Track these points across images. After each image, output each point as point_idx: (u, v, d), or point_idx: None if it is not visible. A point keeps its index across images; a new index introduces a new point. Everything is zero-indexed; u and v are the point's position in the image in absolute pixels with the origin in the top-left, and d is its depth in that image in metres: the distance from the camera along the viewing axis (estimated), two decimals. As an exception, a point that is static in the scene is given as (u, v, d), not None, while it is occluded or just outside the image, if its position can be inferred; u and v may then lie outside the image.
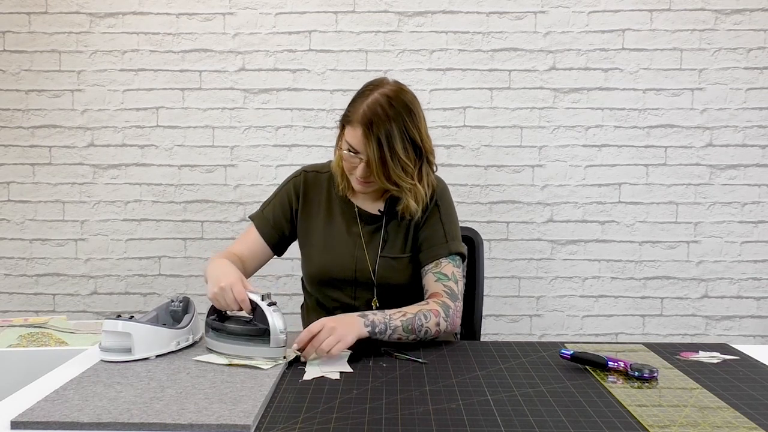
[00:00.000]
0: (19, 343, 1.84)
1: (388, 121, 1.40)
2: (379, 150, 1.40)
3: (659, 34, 2.42)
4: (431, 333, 1.42)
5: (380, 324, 1.36)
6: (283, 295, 2.50)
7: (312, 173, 1.63)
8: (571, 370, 1.28)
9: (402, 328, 1.38)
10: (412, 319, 1.38)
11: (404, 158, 1.42)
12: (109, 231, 2.52)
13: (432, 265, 1.52)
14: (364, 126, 1.40)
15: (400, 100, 1.44)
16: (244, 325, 1.31)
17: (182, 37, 2.46)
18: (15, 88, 2.48)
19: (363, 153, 1.43)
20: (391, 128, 1.40)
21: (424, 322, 1.40)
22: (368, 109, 1.41)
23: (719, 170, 2.46)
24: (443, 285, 1.49)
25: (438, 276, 1.51)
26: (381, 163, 1.41)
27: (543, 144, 2.46)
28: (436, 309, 1.42)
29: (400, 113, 1.42)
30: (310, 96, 2.47)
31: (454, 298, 1.48)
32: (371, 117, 1.40)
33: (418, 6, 2.43)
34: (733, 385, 1.21)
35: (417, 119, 1.45)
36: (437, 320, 1.42)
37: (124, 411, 1.03)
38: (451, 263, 1.52)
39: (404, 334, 1.38)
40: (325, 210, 1.59)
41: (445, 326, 1.44)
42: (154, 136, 2.49)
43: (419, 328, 1.39)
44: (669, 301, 2.50)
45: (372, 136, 1.40)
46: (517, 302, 2.52)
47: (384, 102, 1.42)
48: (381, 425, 1.01)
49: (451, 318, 1.45)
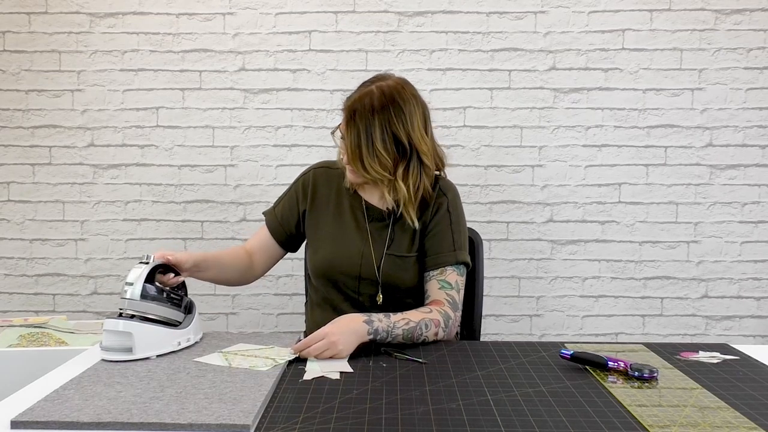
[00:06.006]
0: (19, 343, 1.84)
1: (371, 112, 1.45)
2: (357, 138, 1.46)
3: (659, 34, 2.42)
4: (428, 341, 1.45)
5: (383, 332, 1.38)
6: (284, 295, 2.51)
7: (322, 169, 1.67)
8: (571, 370, 1.28)
9: (402, 336, 1.40)
10: (413, 328, 1.41)
11: (381, 151, 1.46)
12: (109, 231, 2.52)
13: (437, 272, 1.53)
14: (349, 113, 1.47)
15: (391, 95, 1.48)
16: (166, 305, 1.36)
17: (182, 37, 2.46)
18: (15, 88, 2.48)
19: (346, 138, 1.49)
20: (372, 119, 1.45)
21: (424, 331, 1.42)
22: (357, 99, 1.48)
23: (719, 170, 2.46)
24: (446, 294, 1.50)
25: (442, 284, 1.52)
26: (357, 151, 1.46)
27: (543, 144, 2.47)
28: (437, 319, 1.45)
29: (386, 107, 1.46)
30: (310, 96, 2.47)
31: (455, 308, 1.50)
32: (356, 106, 1.47)
33: (418, 6, 2.43)
34: (733, 385, 1.21)
35: (404, 116, 1.47)
36: (436, 330, 1.45)
37: (124, 411, 1.03)
38: (455, 272, 1.54)
39: (404, 341, 1.42)
40: (334, 205, 1.61)
41: (442, 336, 1.47)
42: (154, 136, 2.49)
43: (418, 336, 1.42)
44: (669, 301, 2.50)
45: (353, 124, 1.46)
46: (517, 302, 2.52)
47: (376, 94, 1.47)
48: (381, 425, 1.01)
49: (450, 328, 1.48)
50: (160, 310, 1.34)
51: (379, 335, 1.37)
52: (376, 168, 1.47)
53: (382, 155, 1.46)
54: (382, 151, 1.46)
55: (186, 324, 1.39)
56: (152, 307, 1.33)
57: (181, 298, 1.41)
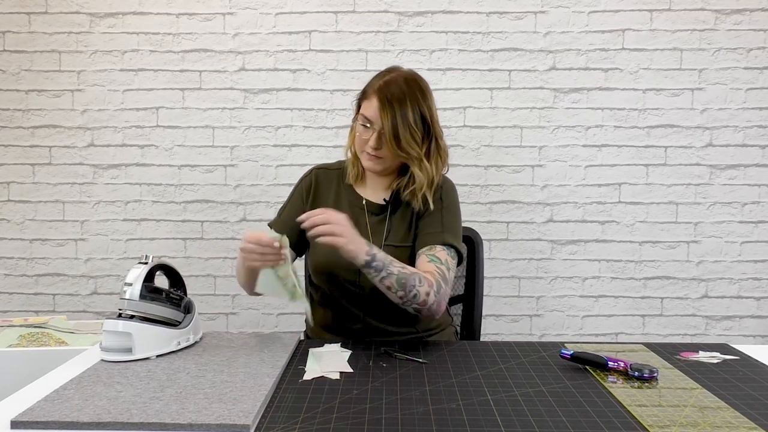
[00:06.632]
0: (19, 343, 1.84)
1: (402, 93, 1.51)
2: (392, 117, 1.49)
3: (659, 34, 2.42)
4: (419, 299, 1.42)
5: (379, 261, 1.37)
6: (283, 295, 2.50)
7: (322, 170, 1.70)
8: (571, 370, 1.28)
9: (396, 278, 1.39)
10: (408, 275, 1.40)
11: (414, 127, 1.51)
12: (109, 231, 2.52)
13: (426, 248, 1.53)
14: (381, 95, 1.51)
15: (415, 80, 1.56)
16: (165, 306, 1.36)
17: (182, 37, 2.46)
18: (15, 88, 2.48)
19: (377, 122, 1.51)
20: (405, 99, 1.51)
21: (417, 284, 1.41)
22: (384, 84, 1.53)
23: (719, 170, 2.46)
24: (436, 266, 1.49)
25: (431, 258, 1.51)
26: (393, 130, 1.50)
27: (543, 144, 2.46)
28: (430, 280, 1.44)
29: (413, 90, 1.53)
30: (310, 96, 2.47)
31: (446, 281, 1.48)
32: (387, 88, 1.52)
33: (418, 6, 2.43)
34: (733, 385, 1.21)
35: (429, 100, 1.55)
36: (428, 290, 1.42)
37: (124, 411, 1.03)
38: (444, 251, 1.53)
39: (395, 285, 1.39)
40: (333, 203, 1.63)
41: (433, 300, 1.44)
42: (154, 136, 2.49)
43: (411, 288, 1.40)
44: (669, 301, 2.50)
45: (387, 104, 1.50)
46: (517, 302, 2.52)
47: (400, 79, 1.54)
48: (381, 425, 1.01)
49: (441, 296, 1.45)
50: (159, 310, 1.34)
51: (376, 262, 1.37)
52: (412, 145, 1.51)
53: (415, 132, 1.52)
54: (414, 127, 1.51)
55: (186, 324, 1.39)
56: (151, 307, 1.33)
57: (180, 297, 1.41)
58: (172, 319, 1.36)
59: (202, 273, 2.52)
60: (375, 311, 1.55)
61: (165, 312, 1.35)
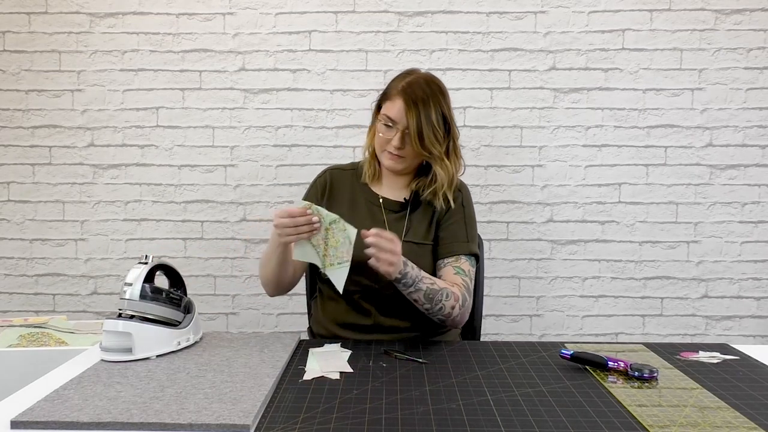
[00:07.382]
0: (19, 343, 1.84)
1: (425, 94, 1.56)
2: (417, 117, 1.53)
3: (659, 34, 2.42)
4: (444, 312, 1.47)
5: (410, 279, 1.42)
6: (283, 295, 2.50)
7: (336, 170, 1.73)
8: (571, 370, 1.28)
9: (423, 293, 1.44)
10: (437, 291, 1.45)
11: (437, 126, 1.55)
12: (109, 231, 2.52)
13: (452, 258, 1.58)
14: (405, 95, 1.55)
15: (435, 82, 1.60)
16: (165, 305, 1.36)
17: (182, 37, 2.46)
18: (15, 88, 2.48)
19: (401, 122, 1.54)
20: (428, 100, 1.55)
21: (444, 299, 1.46)
22: (408, 85, 1.57)
23: (719, 170, 2.46)
24: (462, 279, 1.54)
25: (457, 269, 1.56)
26: (418, 129, 1.53)
27: (543, 144, 2.46)
28: (456, 294, 1.49)
29: (435, 91, 1.57)
30: (310, 96, 2.47)
31: (470, 293, 1.55)
32: (411, 89, 1.56)
33: (418, 6, 2.43)
34: (733, 385, 1.21)
35: (448, 101, 1.60)
36: (454, 304, 1.48)
37: (124, 411, 1.03)
38: (468, 261, 1.59)
39: (422, 299, 1.45)
40: (348, 201, 1.66)
41: (457, 313, 1.49)
42: (154, 136, 2.49)
43: (438, 302, 1.45)
44: (669, 301, 2.50)
45: (411, 104, 1.54)
46: (517, 302, 2.52)
47: (422, 81, 1.58)
48: (381, 425, 1.01)
49: (465, 310, 1.52)
50: (159, 310, 1.34)
51: (405, 280, 1.41)
52: (434, 144, 1.55)
53: (438, 132, 1.55)
54: (438, 127, 1.55)
55: (185, 324, 1.39)
56: (151, 307, 1.33)
57: (180, 297, 1.41)
58: (172, 319, 1.36)
59: (202, 273, 2.52)
60: (387, 307, 1.56)
61: (165, 312, 1.35)
